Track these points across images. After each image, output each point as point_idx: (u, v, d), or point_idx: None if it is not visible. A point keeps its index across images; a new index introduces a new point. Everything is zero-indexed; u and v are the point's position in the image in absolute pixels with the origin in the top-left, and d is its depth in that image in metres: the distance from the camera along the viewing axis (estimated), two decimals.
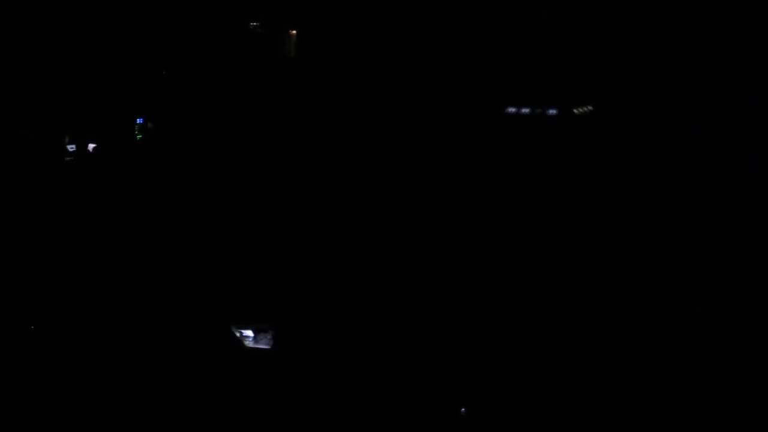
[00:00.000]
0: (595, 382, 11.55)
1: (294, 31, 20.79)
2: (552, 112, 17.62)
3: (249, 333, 12.24)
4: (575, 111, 17.34)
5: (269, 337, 12.09)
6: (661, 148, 16.07)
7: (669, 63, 16.10)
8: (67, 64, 18.89)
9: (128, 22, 19.27)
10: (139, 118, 18.49)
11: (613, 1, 16.46)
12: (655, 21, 16.03)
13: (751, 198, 13.28)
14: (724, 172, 14.52)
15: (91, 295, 12.00)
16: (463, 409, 9.35)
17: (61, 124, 17.58)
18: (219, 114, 19.27)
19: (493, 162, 14.69)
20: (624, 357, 11.91)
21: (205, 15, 19.85)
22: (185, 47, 19.35)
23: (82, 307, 12.03)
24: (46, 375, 11.19)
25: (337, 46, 18.43)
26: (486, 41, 17.46)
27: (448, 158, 12.72)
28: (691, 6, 16.08)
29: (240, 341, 12.13)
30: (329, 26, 18.43)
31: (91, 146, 17.26)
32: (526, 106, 17.61)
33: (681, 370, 11.62)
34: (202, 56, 20.06)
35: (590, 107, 17.52)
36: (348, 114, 18.11)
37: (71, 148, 17.21)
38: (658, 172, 14.57)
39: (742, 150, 15.17)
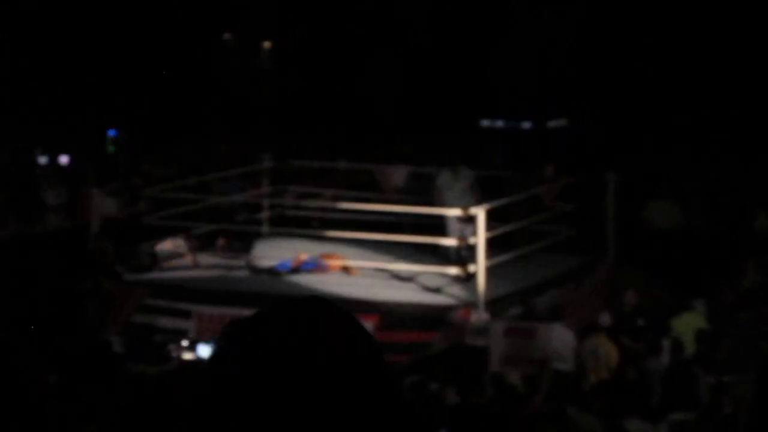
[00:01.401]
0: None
1: (267, 43, 20.89)
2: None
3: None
4: (549, 125, 17.42)
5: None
6: (661, 148, 16.07)
7: (669, 63, 16.11)
8: (52, 67, 18.74)
9: (125, 25, 19.24)
10: (112, 130, 17.93)
11: (613, 1, 16.47)
12: (655, 21, 16.04)
13: (751, 197, 13.27)
14: (722, 172, 14.54)
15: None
16: None
17: (36, 131, 17.29)
18: (216, 115, 19.24)
19: (491, 162, 14.69)
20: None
21: (200, 20, 19.81)
22: (179, 51, 19.29)
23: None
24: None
25: (337, 47, 18.43)
26: (485, 41, 17.45)
27: (447, 159, 12.68)
28: (691, 6, 16.09)
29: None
30: (330, 27, 18.43)
31: (63, 159, 16.64)
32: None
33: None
34: (201, 58, 20.04)
35: (564, 121, 17.59)
36: (347, 113, 18.11)
37: (42, 160, 16.59)
38: (657, 171, 14.58)
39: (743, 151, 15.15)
